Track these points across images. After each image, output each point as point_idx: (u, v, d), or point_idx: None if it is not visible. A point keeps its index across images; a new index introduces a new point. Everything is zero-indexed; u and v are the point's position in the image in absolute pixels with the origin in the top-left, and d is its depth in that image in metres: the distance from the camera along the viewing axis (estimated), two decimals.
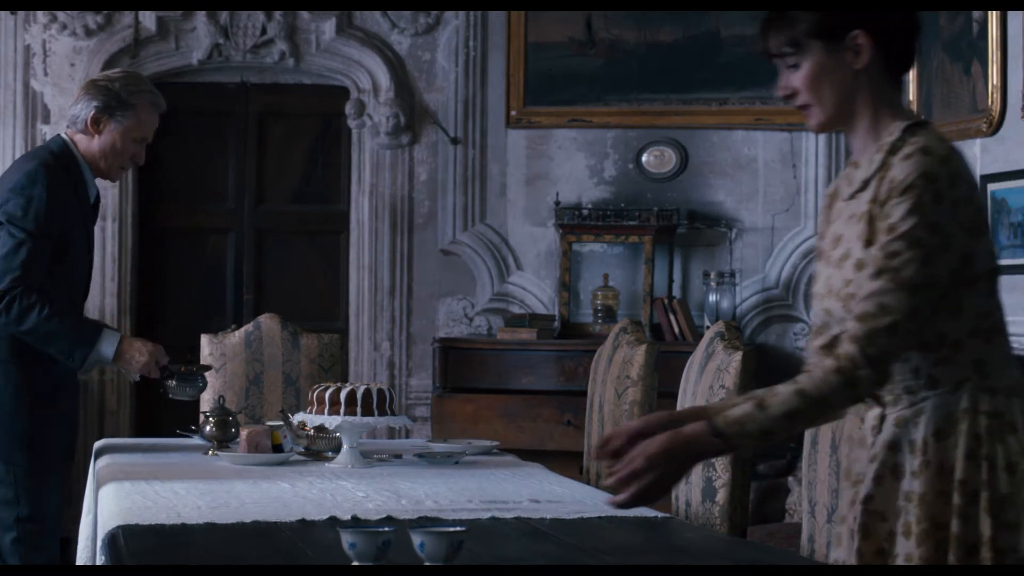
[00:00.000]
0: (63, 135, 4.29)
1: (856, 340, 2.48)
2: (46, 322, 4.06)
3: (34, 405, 4.11)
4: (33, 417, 4.10)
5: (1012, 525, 2.52)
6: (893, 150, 2.59)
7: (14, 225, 4.09)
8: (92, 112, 4.22)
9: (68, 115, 4.32)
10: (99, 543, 3.08)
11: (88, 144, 4.24)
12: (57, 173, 4.16)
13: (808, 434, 3.10)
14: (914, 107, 6.34)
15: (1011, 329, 2.62)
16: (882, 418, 2.61)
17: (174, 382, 4.36)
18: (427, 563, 2.46)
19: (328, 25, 6.86)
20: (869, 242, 2.54)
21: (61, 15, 6.73)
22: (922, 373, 2.57)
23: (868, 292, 2.50)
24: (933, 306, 2.51)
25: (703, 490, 3.62)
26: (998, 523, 2.51)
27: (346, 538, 2.46)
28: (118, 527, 2.98)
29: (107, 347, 4.18)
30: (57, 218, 4.12)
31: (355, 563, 2.45)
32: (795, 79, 2.71)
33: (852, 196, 2.65)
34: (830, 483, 2.97)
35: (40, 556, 4.11)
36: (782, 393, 2.48)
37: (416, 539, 2.47)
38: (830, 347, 2.53)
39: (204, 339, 5.31)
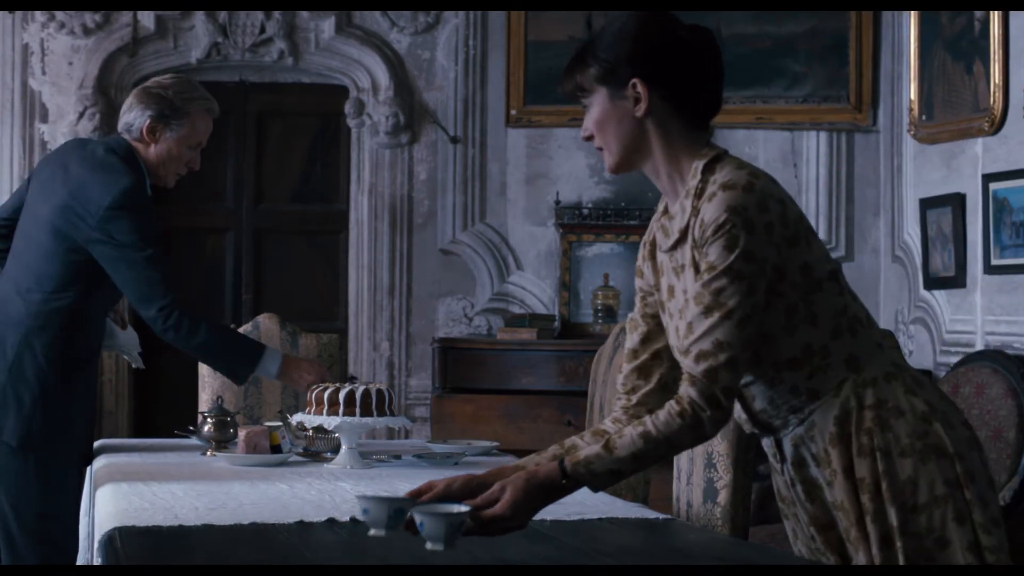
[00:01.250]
0: (125, 137, 4.25)
1: (696, 382, 2.56)
2: (212, 336, 4.15)
3: (55, 402, 4.11)
4: (54, 414, 4.11)
5: (919, 507, 2.58)
6: (699, 194, 2.68)
7: (135, 244, 4.07)
8: (147, 122, 4.21)
9: (121, 121, 4.28)
10: (96, 545, 3.06)
11: (144, 151, 4.23)
12: (141, 180, 4.17)
13: None
14: (915, 106, 6.33)
15: (1012, 329, 2.61)
16: (779, 443, 2.66)
17: None
18: (428, 545, 2.49)
19: (327, 24, 6.84)
20: None
21: (59, 14, 6.71)
22: (800, 389, 2.64)
23: (702, 331, 2.56)
24: (771, 328, 2.59)
25: (704, 491, 3.59)
26: (904, 509, 2.57)
27: (361, 503, 2.55)
28: (114, 529, 2.96)
29: (271, 366, 4.25)
30: (156, 227, 4.15)
31: (371, 531, 2.53)
32: (588, 121, 2.81)
33: (673, 247, 2.75)
34: None
35: (56, 552, 4.12)
36: (628, 435, 2.59)
37: (417, 519, 2.50)
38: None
39: None
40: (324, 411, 3.95)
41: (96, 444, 4.49)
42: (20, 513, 4.09)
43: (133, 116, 4.23)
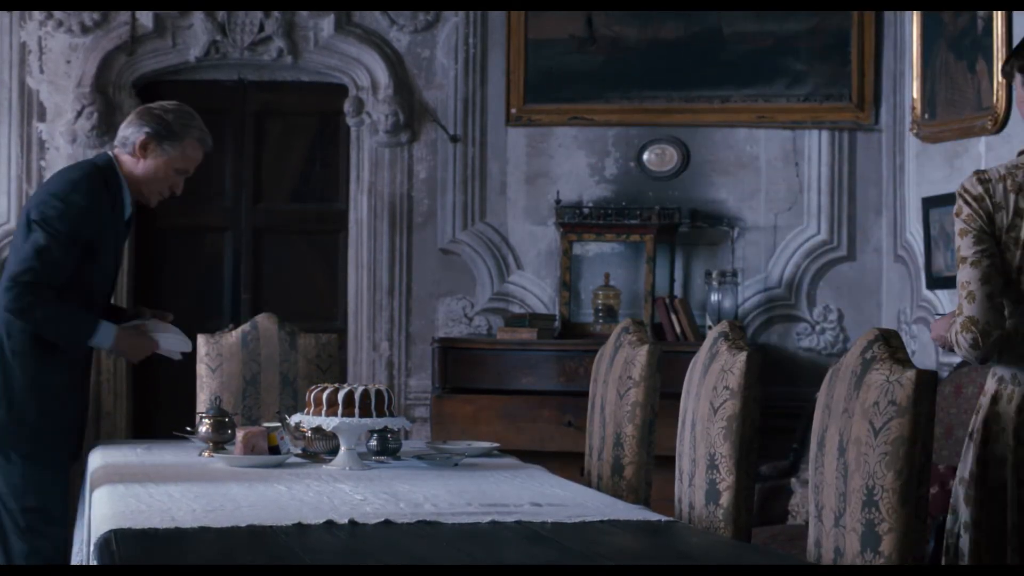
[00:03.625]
0: (109, 153, 4.49)
1: None
2: (49, 310, 4.23)
3: (44, 398, 4.25)
4: (43, 410, 4.24)
5: None
6: None
7: (48, 225, 4.25)
8: (142, 137, 4.41)
9: (118, 134, 4.50)
10: (92, 547, 3.03)
11: (133, 166, 4.43)
12: (98, 185, 4.36)
13: (815, 436, 3.05)
14: (918, 105, 6.30)
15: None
16: None
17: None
18: None
19: (327, 22, 6.81)
20: None
21: (57, 12, 6.68)
22: None
23: None
24: None
25: (707, 493, 3.56)
26: None
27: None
28: (111, 531, 2.93)
29: (105, 339, 4.33)
30: (89, 227, 4.30)
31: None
32: None
33: None
34: (837, 486, 2.92)
35: (46, 545, 4.23)
36: None
37: None
38: None
39: (201, 339, 5.25)
40: (323, 412, 3.92)
41: (94, 444, 4.47)
42: (7, 507, 4.22)
43: (131, 131, 4.44)
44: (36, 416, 4.26)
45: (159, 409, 6.72)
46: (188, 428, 4.55)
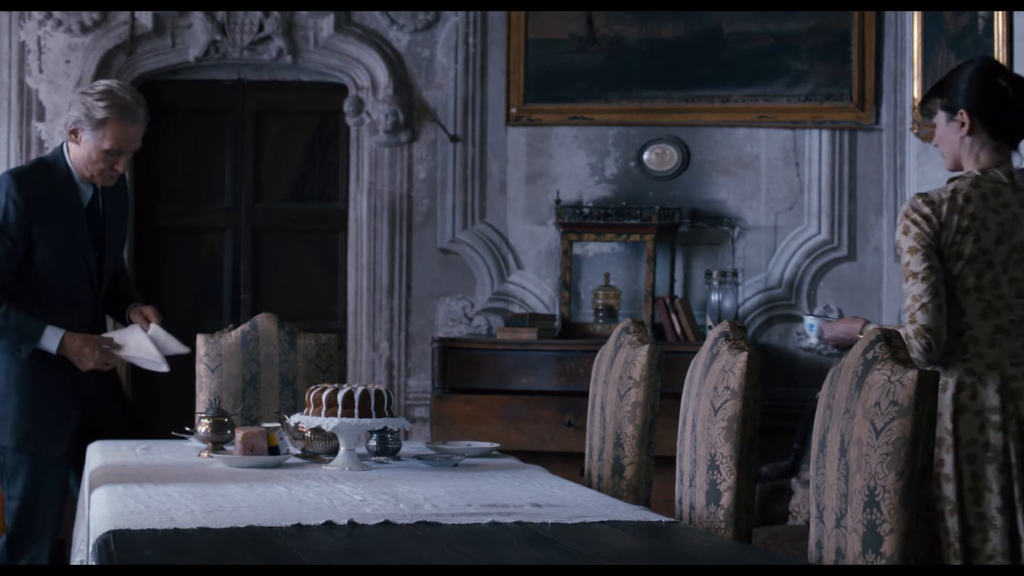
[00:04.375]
0: (64, 142, 4.62)
1: None
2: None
3: (25, 390, 4.48)
4: (23, 401, 4.46)
5: None
6: None
7: None
8: (71, 124, 4.56)
9: None
10: (90, 547, 3.02)
11: (75, 151, 4.58)
12: (25, 179, 4.54)
13: (816, 437, 3.04)
14: (919, 104, 6.28)
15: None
16: None
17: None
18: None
19: (326, 22, 6.80)
20: None
21: (57, 11, 6.67)
22: None
23: None
24: None
25: (707, 494, 3.55)
26: None
27: None
28: (109, 532, 2.92)
29: (50, 342, 4.49)
30: (18, 220, 4.47)
31: None
32: None
33: None
34: (839, 487, 2.91)
35: (28, 537, 4.42)
36: None
37: None
38: None
39: (200, 339, 5.24)
40: (322, 412, 3.91)
41: (92, 445, 4.46)
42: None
43: (66, 117, 4.65)
44: (15, 406, 4.49)
45: (158, 409, 6.71)
46: (187, 428, 4.53)
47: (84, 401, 4.63)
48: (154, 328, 4.75)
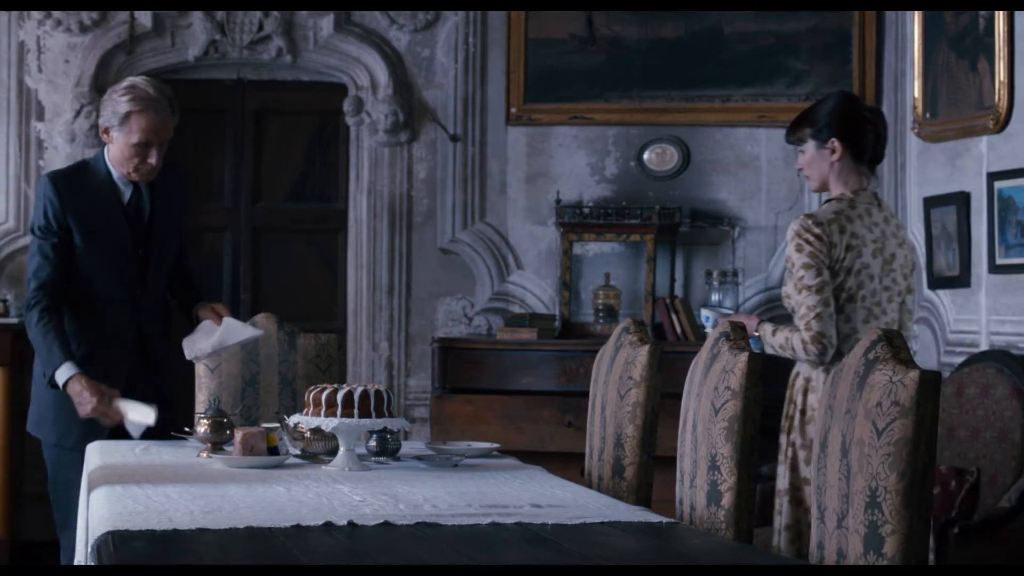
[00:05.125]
0: (107, 146, 4.65)
1: None
2: (35, 334, 4.49)
3: (45, 389, 4.52)
4: (61, 398, 4.47)
5: None
6: None
7: (31, 230, 4.62)
8: (103, 125, 4.60)
9: None
10: (89, 548, 3.01)
11: (112, 152, 4.61)
12: (62, 179, 4.60)
13: (817, 438, 3.03)
14: (919, 104, 6.28)
15: (1017, 329, 2.58)
16: None
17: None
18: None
19: (326, 21, 6.79)
20: None
21: (56, 11, 6.66)
22: None
23: None
24: None
25: (708, 494, 3.54)
26: None
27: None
28: (107, 533, 2.91)
29: (60, 377, 4.46)
30: (57, 219, 4.53)
31: None
32: None
33: None
34: (840, 488, 2.90)
35: (66, 519, 4.50)
36: None
37: None
38: None
39: None
40: (322, 412, 3.90)
41: (90, 446, 4.45)
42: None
43: (98, 119, 4.70)
44: (52, 401, 4.55)
45: (157, 409, 6.68)
46: (186, 429, 4.52)
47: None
48: (226, 320, 4.73)
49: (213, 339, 4.70)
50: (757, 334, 4.24)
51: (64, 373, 4.43)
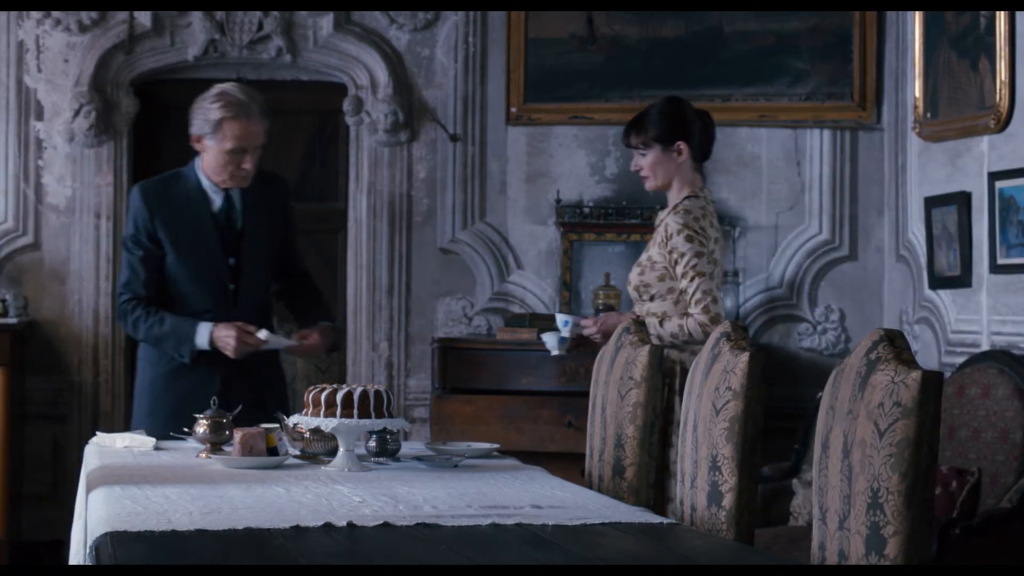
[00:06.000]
0: (199, 155, 4.65)
1: None
2: (151, 329, 4.56)
3: (155, 382, 4.65)
4: (155, 391, 4.64)
5: None
6: None
7: (121, 244, 4.82)
8: (193, 134, 4.58)
9: None
10: (87, 550, 3.00)
11: (205, 161, 4.61)
12: (150, 189, 4.63)
13: (819, 438, 3.02)
14: (920, 104, 6.27)
15: (1018, 329, 2.57)
16: None
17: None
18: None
19: (326, 21, 6.79)
20: None
21: (55, 11, 6.65)
22: None
23: None
24: None
25: (708, 495, 3.53)
26: None
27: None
28: (106, 534, 2.90)
29: (201, 339, 4.53)
30: (148, 229, 4.57)
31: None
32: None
33: None
34: (842, 488, 2.89)
35: None
36: None
37: None
38: None
39: None
40: (321, 413, 3.89)
41: (90, 445, 4.45)
42: None
43: (190, 129, 4.62)
44: (150, 396, 4.67)
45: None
46: (185, 429, 4.51)
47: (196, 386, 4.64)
48: (265, 333, 4.69)
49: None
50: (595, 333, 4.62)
51: (202, 332, 4.49)
